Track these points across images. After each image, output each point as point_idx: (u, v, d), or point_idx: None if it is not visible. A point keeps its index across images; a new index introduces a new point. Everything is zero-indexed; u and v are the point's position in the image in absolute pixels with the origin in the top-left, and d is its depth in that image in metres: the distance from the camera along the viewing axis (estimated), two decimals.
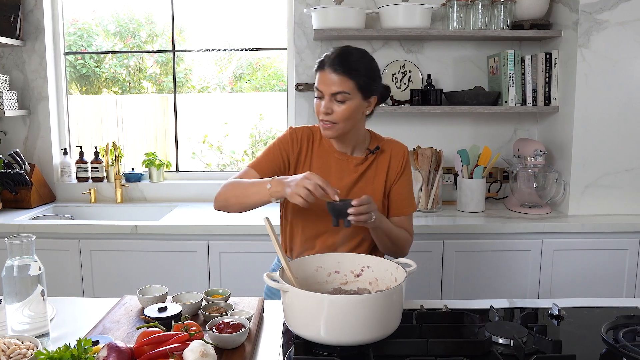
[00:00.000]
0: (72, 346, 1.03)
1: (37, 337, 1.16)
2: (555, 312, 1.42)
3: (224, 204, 1.56)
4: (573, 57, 2.51)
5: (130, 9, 3.56)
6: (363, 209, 1.37)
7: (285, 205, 1.65)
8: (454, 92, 2.72)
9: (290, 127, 1.65)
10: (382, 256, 1.64)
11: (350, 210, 1.37)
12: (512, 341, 1.21)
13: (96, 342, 1.14)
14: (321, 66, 1.50)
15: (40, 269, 1.20)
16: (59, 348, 1.02)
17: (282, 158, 1.60)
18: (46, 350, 1.02)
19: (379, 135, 1.68)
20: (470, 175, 2.65)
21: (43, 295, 1.20)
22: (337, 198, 1.37)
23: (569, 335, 1.30)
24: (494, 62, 2.75)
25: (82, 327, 1.32)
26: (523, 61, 2.67)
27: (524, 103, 2.69)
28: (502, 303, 1.51)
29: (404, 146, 1.67)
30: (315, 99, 1.53)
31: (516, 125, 2.94)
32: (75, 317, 1.40)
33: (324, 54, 1.52)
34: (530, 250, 2.42)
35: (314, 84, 1.53)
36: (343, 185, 1.58)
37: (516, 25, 2.68)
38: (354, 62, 1.48)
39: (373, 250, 1.63)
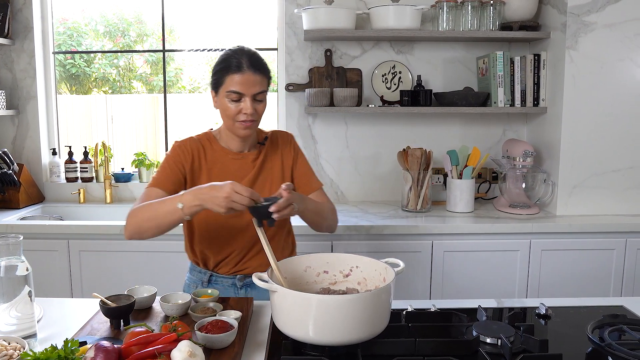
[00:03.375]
0: (59, 347, 1.03)
1: (24, 338, 1.16)
2: (543, 311, 1.43)
3: (136, 230, 1.47)
4: (561, 59, 2.53)
5: (120, 9, 3.53)
6: (283, 206, 1.36)
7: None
8: (443, 92, 2.73)
9: (176, 141, 1.64)
10: (291, 254, 1.71)
11: (272, 209, 1.34)
12: (499, 340, 1.22)
13: (84, 343, 1.13)
14: (238, 69, 1.49)
15: (27, 270, 1.19)
16: (46, 349, 1.01)
17: (179, 170, 1.59)
18: (32, 351, 1.01)
19: (260, 128, 1.71)
20: (460, 176, 2.66)
21: (30, 296, 1.20)
22: (262, 200, 1.36)
23: (555, 335, 1.32)
24: (483, 63, 2.77)
25: (70, 328, 1.32)
26: (512, 62, 2.69)
27: (512, 104, 2.71)
28: (490, 303, 1.53)
29: (289, 132, 1.76)
30: (229, 102, 1.51)
31: (505, 126, 2.96)
32: (64, 318, 1.40)
33: (230, 57, 1.51)
34: (518, 250, 2.44)
35: (303, 84, 1.53)
36: (245, 183, 1.59)
37: (505, 26, 2.70)
38: (263, 60, 1.55)
39: (284, 245, 1.69)
